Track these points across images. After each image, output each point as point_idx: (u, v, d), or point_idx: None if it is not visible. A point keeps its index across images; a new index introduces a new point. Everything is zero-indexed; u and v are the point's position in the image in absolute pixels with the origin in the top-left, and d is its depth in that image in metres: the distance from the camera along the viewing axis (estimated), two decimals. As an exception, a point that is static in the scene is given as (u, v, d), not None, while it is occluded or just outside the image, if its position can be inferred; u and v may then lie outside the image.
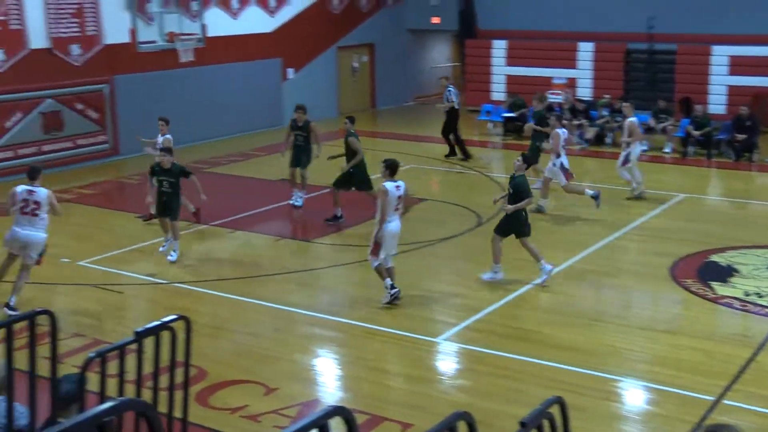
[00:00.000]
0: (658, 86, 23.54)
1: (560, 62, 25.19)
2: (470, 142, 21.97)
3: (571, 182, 15.17)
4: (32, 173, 11.00)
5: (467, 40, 27.64)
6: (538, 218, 14.95)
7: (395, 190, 10.65)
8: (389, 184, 10.66)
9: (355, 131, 14.79)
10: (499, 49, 26.45)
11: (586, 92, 24.43)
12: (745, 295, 11.24)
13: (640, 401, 8.82)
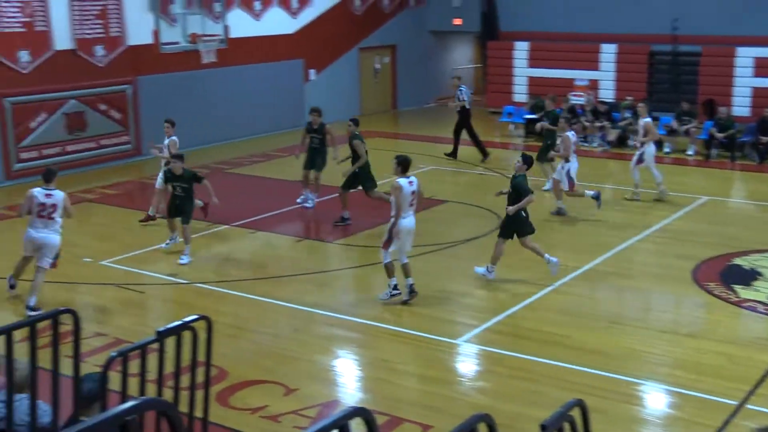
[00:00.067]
0: (681, 88, 23.39)
1: (583, 64, 25.09)
2: (491, 143, 21.94)
3: (574, 191, 15.15)
4: (48, 175, 11.07)
5: (489, 41, 27.59)
6: (558, 220, 14.92)
7: (408, 185, 10.74)
8: (402, 179, 10.74)
9: (359, 133, 14.74)
10: (521, 50, 26.36)
11: (608, 94, 24.30)
12: (768, 298, 11.17)
13: (661, 405, 8.76)
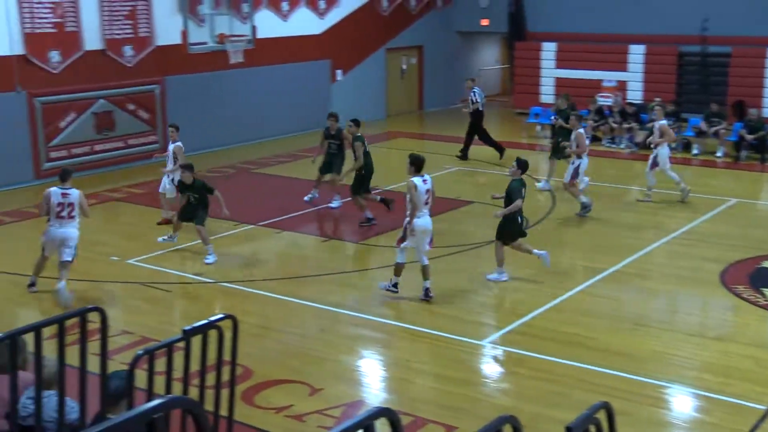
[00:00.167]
0: (710, 89, 23.18)
1: (610, 65, 24.95)
2: (518, 144, 21.89)
3: (573, 184, 15.16)
4: (64, 175, 11.40)
5: (516, 42, 27.51)
6: (585, 222, 14.83)
7: (423, 184, 10.84)
8: (417, 179, 10.85)
9: (361, 134, 14.72)
10: (548, 51, 26.25)
11: (636, 95, 24.16)
12: (797, 302, 11.05)
13: (688, 408, 8.69)
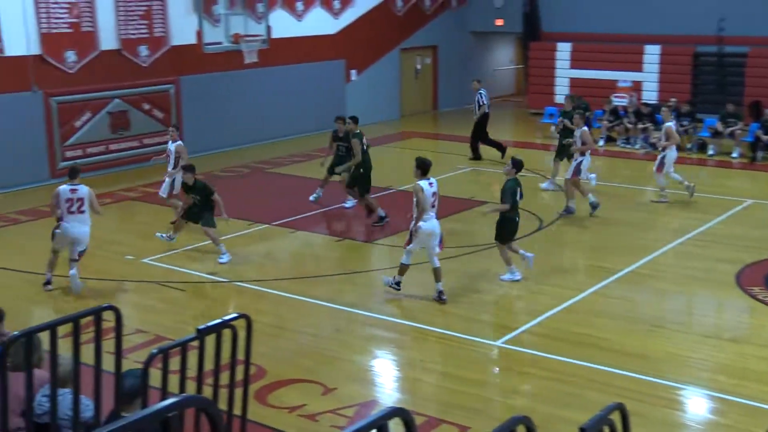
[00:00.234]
0: (726, 90, 23.06)
1: (625, 65, 24.86)
2: (532, 144, 21.84)
3: (573, 182, 15.14)
4: (73, 173, 11.72)
5: (531, 42, 27.45)
6: (599, 222, 14.78)
7: (429, 187, 10.91)
8: (423, 182, 10.91)
9: (359, 131, 14.82)
10: (563, 51, 26.19)
11: (651, 96, 24.06)
12: (814, 304, 10.97)
13: (703, 410, 8.64)
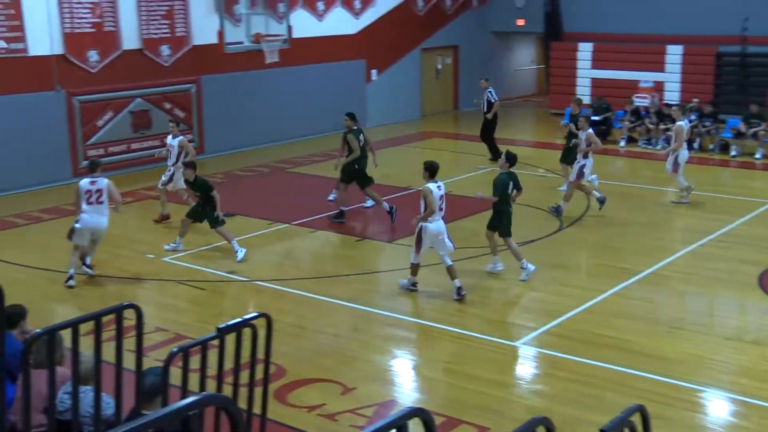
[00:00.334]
0: (750, 90, 22.89)
1: (647, 65, 24.75)
2: (553, 145, 21.74)
3: (578, 184, 15.12)
4: (93, 166, 12.28)
5: (552, 42, 27.37)
6: (620, 223, 14.71)
7: (437, 190, 11.04)
8: (431, 184, 11.06)
9: (357, 128, 15.02)
10: (584, 51, 26.11)
11: (673, 96, 23.93)
12: (837, 307, 10.87)
13: (724, 413, 8.58)
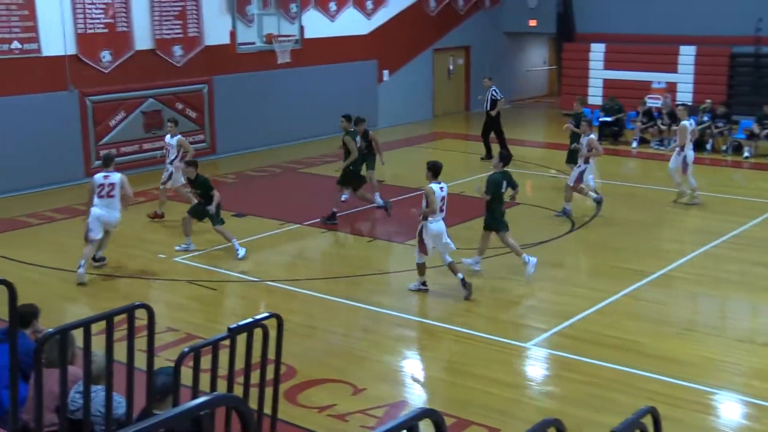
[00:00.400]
0: (763, 91, 22.81)
1: (660, 66, 24.69)
2: (565, 146, 21.64)
3: (576, 188, 15.13)
4: (106, 161, 12.50)
5: (565, 43, 27.31)
6: (632, 224, 14.66)
7: (440, 191, 11.05)
8: (434, 185, 11.07)
9: (354, 129, 15.04)
10: (597, 52, 26.05)
11: (686, 97, 23.83)
12: None
13: (736, 415, 8.55)
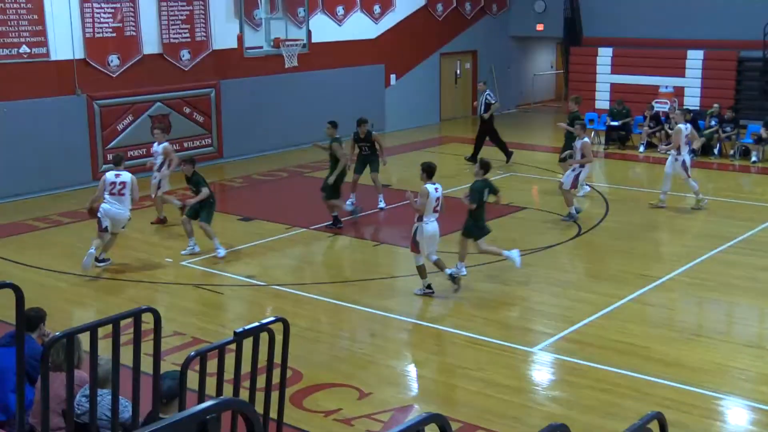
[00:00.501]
0: (771, 96, 22.82)
1: (668, 70, 24.63)
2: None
3: (572, 192, 15.16)
4: (117, 160, 12.94)
5: (572, 47, 27.31)
6: (639, 229, 14.63)
7: (434, 191, 11.11)
8: (429, 185, 11.12)
9: (339, 137, 15.03)
10: (604, 56, 26.03)
11: (694, 101, 23.81)
12: None
13: (744, 421, 8.50)
